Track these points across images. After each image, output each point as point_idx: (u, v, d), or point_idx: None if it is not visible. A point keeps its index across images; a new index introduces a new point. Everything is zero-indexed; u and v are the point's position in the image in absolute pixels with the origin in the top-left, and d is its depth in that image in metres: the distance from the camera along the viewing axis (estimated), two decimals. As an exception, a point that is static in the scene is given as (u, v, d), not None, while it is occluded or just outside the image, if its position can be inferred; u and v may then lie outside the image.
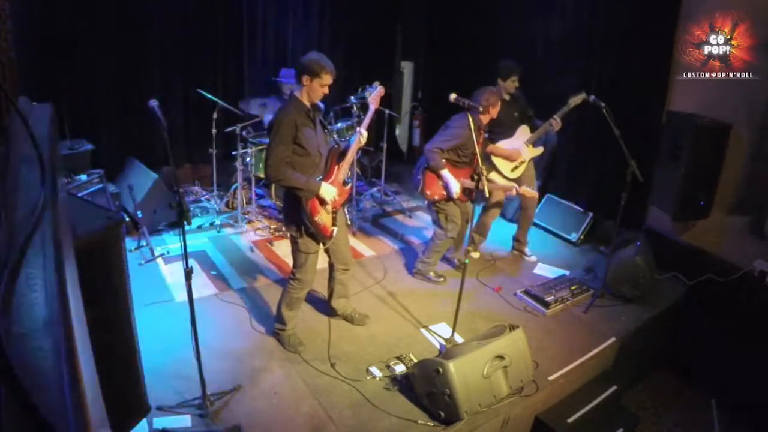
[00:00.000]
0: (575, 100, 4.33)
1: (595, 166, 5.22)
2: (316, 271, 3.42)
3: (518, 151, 4.57)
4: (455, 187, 4.06)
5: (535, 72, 5.74)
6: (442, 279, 4.46)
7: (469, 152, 4.08)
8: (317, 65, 3.00)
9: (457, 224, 4.26)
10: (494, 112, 4.03)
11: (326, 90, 3.08)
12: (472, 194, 4.13)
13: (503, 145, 4.56)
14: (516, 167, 4.64)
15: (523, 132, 4.60)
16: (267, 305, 3.97)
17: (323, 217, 3.18)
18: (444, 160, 4.08)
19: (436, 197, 4.15)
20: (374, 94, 3.37)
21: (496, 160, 4.57)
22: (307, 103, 3.10)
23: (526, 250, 5.05)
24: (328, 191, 3.14)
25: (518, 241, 5.07)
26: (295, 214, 3.17)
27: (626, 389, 4.02)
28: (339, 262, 3.57)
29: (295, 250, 3.31)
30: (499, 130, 4.55)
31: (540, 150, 4.69)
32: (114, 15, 5.05)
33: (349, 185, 3.42)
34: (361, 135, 3.27)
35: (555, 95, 4.91)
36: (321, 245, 3.33)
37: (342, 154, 3.29)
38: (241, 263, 4.59)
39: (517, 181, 4.71)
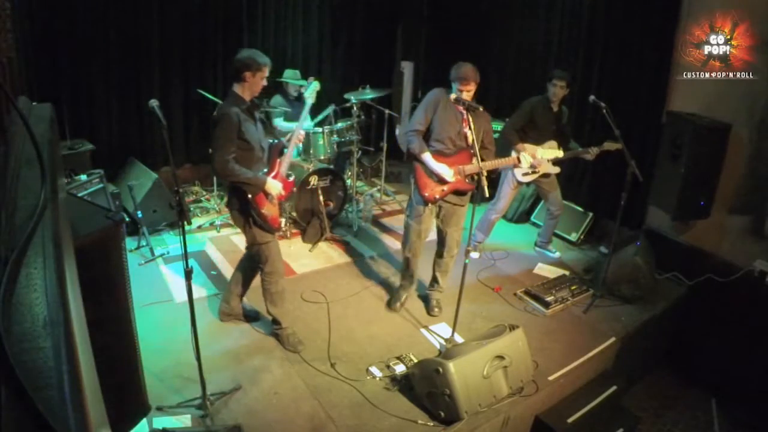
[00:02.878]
0: (609, 145, 4.32)
1: (595, 166, 5.22)
2: (282, 258, 3.44)
3: (538, 161, 4.59)
4: (445, 170, 3.56)
5: (535, 72, 5.75)
6: (398, 305, 4.00)
7: (454, 132, 3.60)
8: (256, 61, 3.05)
9: (410, 242, 3.82)
10: (466, 87, 3.48)
11: (265, 82, 3.15)
12: (474, 180, 3.61)
13: (529, 149, 4.56)
14: (528, 173, 4.67)
15: (551, 146, 4.61)
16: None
17: (270, 209, 3.25)
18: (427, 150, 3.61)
19: (437, 195, 3.67)
20: (311, 90, 3.49)
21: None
22: (247, 99, 3.14)
23: (550, 247, 5.12)
24: (274, 186, 3.20)
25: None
26: (242, 209, 3.22)
27: (626, 389, 4.02)
28: None
29: (254, 248, 3.32)
30: (533, 134, 4.56)
31: (557, 170, 4.70)
32: (114, 15, 5.05)
33: (293, 178, 3.51)
34: (300, 134, 3.42)
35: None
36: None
37: (282, 150, 3.38)
38: (241, 263, 4.59)
39: (538, 182, 4.79)
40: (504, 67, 6.23)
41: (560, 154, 4.31)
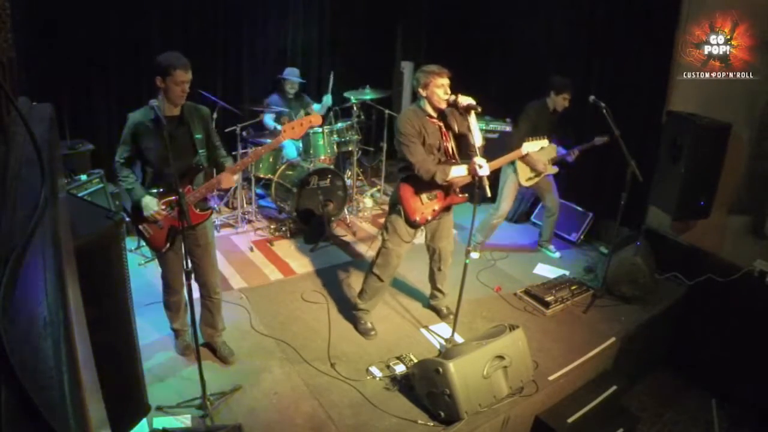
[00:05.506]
0: (600, 140, 4.40)
1: (595, 166, 5.22)
2: (174, 269, 3.09)
3: (541, 164, 4.62)
4: (463, 170, 3.25)
5: (535, 72, 5.75)
6: (373, 333, 3.71)
7: (435, 148, 3.35)
8: (166, 62, 2.77)
9: (391, 266, 3.55)
10: (435, 91, 3.24)
11: (184, 88, 2.80)
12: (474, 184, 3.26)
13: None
14: (531, 177, 4.70)
15: (550, 149, 4.62)
16: (267, 305, 3.97)
17: (147, 228, 2.96)
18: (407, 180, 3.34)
19: (429, 217, 3.44)
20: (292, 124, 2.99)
21: (518, 163, 4.60)
22: (168, 110, 2.84)
23: (550, 246, 5.14)
24: (147, 206, 2.85)
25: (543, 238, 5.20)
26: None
27: (626, 389, 4.02)
28: (203, 288, 3.23)
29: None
30: (533, 137, 4.57)
31: (555, 170, 4.74)
32: (114, 15, 5.06)
33: (208, 211, 3.11)
34: (232, 179, 3.09)
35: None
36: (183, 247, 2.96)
37: (200, 172, 3.04)
38: (241, 263, 4.59)
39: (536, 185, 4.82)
40: (504, 66, 6.23)
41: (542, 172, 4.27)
